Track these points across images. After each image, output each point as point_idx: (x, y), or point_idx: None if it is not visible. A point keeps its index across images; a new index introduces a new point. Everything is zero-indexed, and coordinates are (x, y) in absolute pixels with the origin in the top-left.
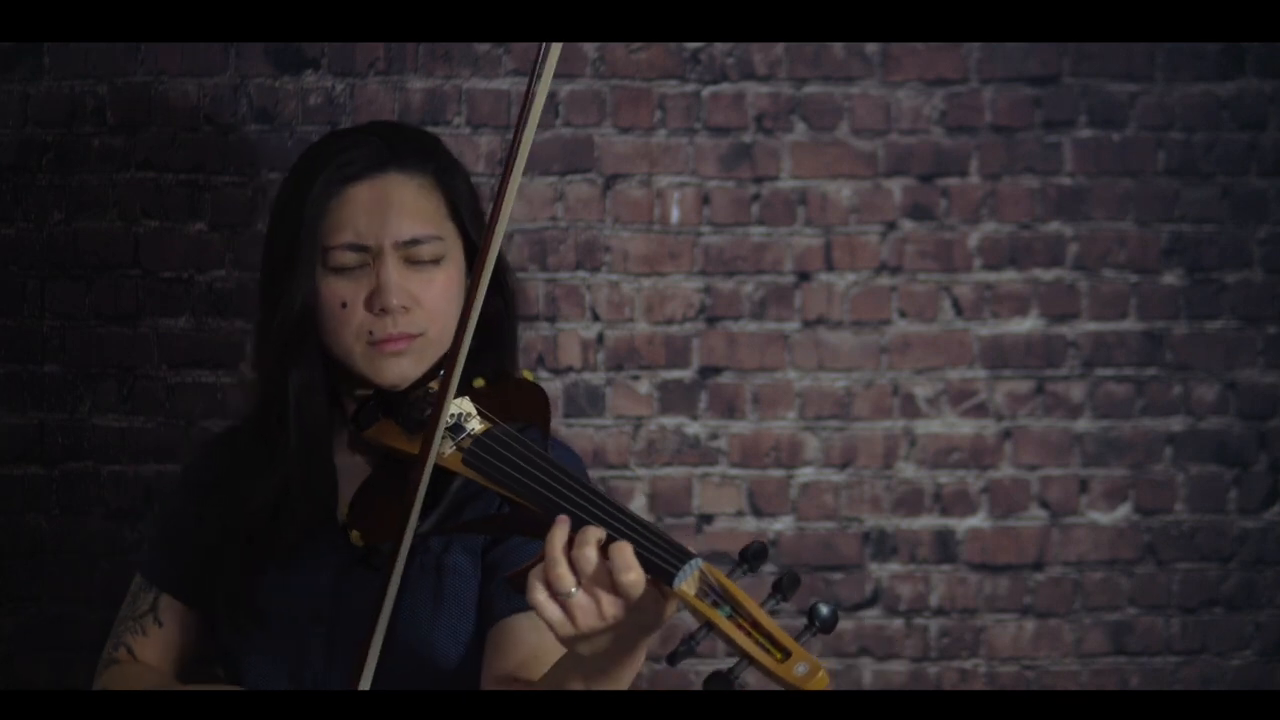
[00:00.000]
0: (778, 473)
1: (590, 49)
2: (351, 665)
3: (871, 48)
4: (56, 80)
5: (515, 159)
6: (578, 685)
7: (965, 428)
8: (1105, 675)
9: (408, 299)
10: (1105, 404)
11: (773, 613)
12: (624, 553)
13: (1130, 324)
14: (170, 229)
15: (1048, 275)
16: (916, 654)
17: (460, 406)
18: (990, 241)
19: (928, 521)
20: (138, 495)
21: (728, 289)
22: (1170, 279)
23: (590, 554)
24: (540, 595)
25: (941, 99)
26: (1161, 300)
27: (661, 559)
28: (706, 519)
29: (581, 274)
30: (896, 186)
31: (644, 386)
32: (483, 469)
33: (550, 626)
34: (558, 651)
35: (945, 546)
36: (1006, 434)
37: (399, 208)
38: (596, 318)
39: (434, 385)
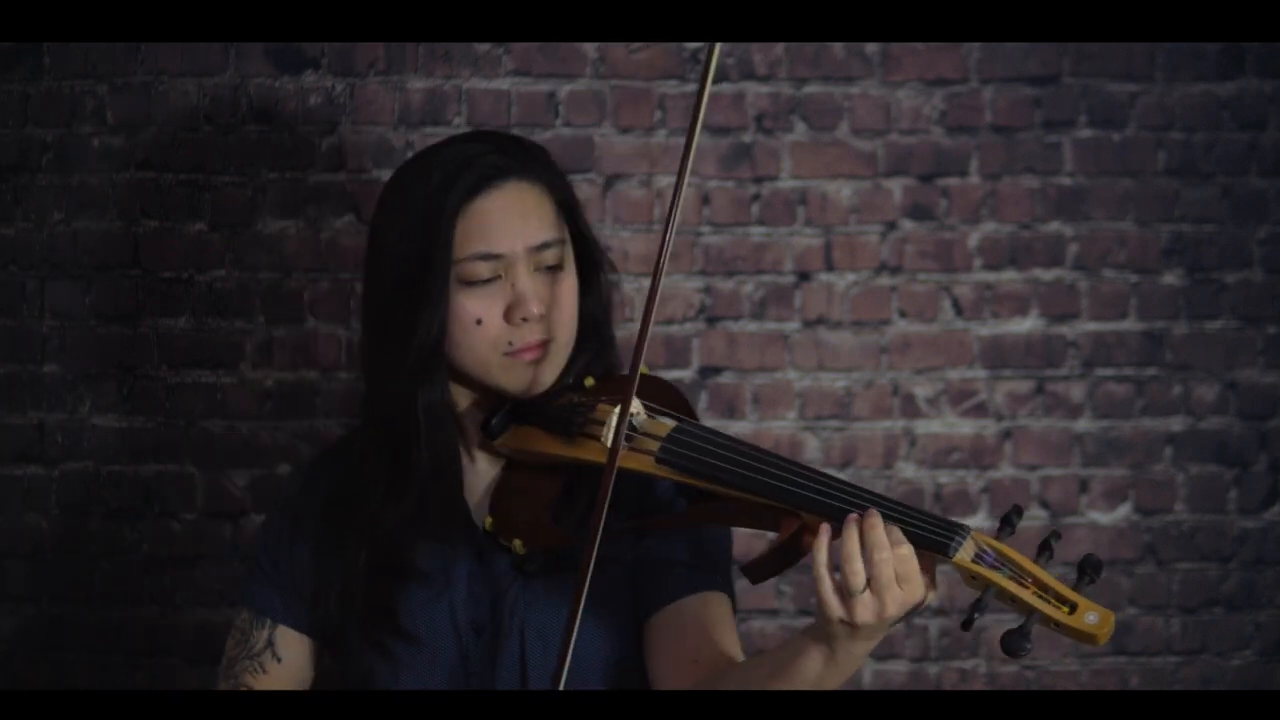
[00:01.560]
0: None
1: (590, 49)
2: (517, 672)
3: (871, 48)
4: (56, 80)
5: (686, 161)
6: (815, 664)
7: (965, 428)
8: (1105, 675)
9: (544, 306)
10: (1105, 404)
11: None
12: (896, 533)
13: (1130, 324)
14: (170, 229)
15: (1048, 275)
16: (916, 654)
17: (629, 407)
18: (990, 241)
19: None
20: (138, 495)
21: (728, 289)
22: (1170, 279)
23: (881, 537)
24: (827, 588)
25: (941, 99)
26: (1161, 300)
27: (934, 532)
28: None
29: None
30: (896, 186)
31: None
32: (683, 465)
33: (825, 622)
34: (728, 628)
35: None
36: (1006, 434)
37: (526, 214)
38: None
39: (590, 381)
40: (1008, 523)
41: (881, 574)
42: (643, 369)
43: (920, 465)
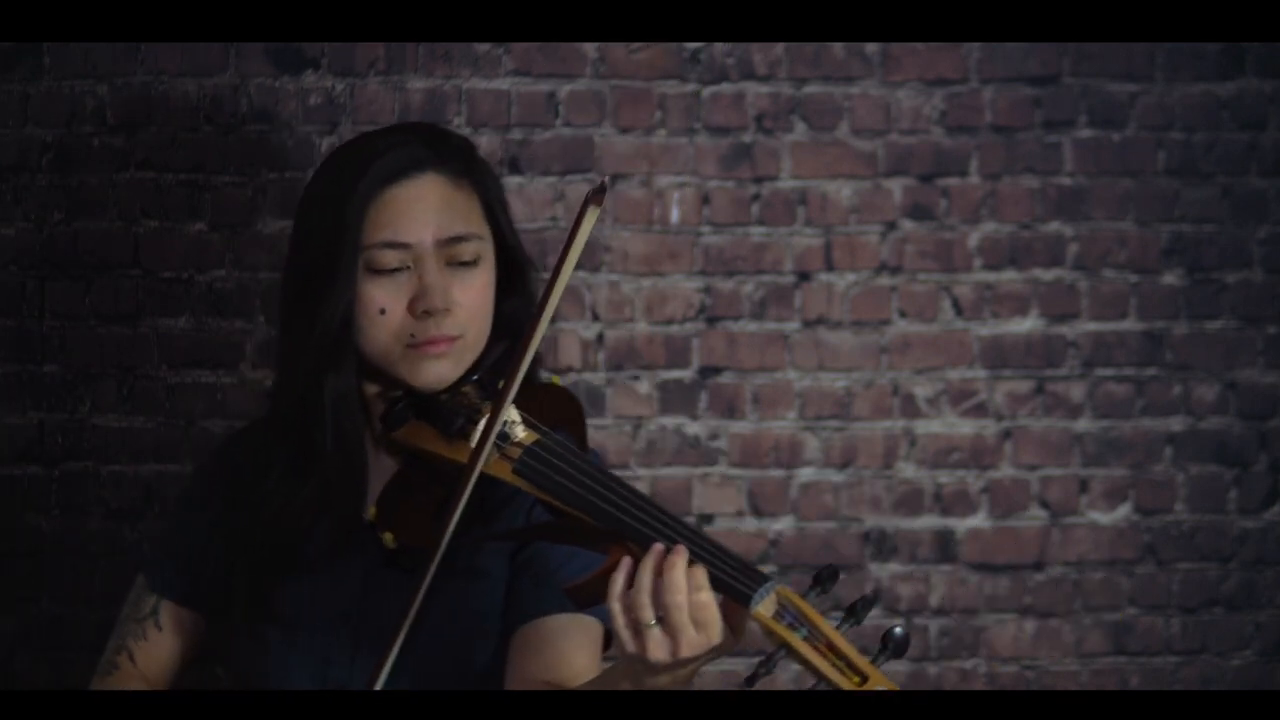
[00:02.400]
0: (778, 473)
1: (590, 49)
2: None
3: (871, 48)
4: (56, 80)
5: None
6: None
7: (965, 428)
8: (1105, 675)
9: (449, 301)
10: (1105, 404)
11: (846, 636)
12: (696, 575)
13: (1130, 324)
14: (170, 229)
15: (1048, 275)
16: (916, 654)
17: (506, 413)
18: (990, 241)
19: (928, 521)
20: (138, 495)
21: (728, 289)
22: (1170, 279)
23: (679, 579)
24: (620, 621)
25: (941, 99)
26: (1161, 300)
27: (738, 580)
28: (706, 519)
29: (581, 274)
30: (896, 186)
31: (644, 386)
32: (535, 479)
33: (620, 650)
34: (587, 653)
35: (945, 546)
36: (1006, 434)
37: (440, 206)
38: (596, 318)
39: (468, 390)
40: (819, 581)
41: (675, 615)
42: (554, 379)
43: (920, 465)
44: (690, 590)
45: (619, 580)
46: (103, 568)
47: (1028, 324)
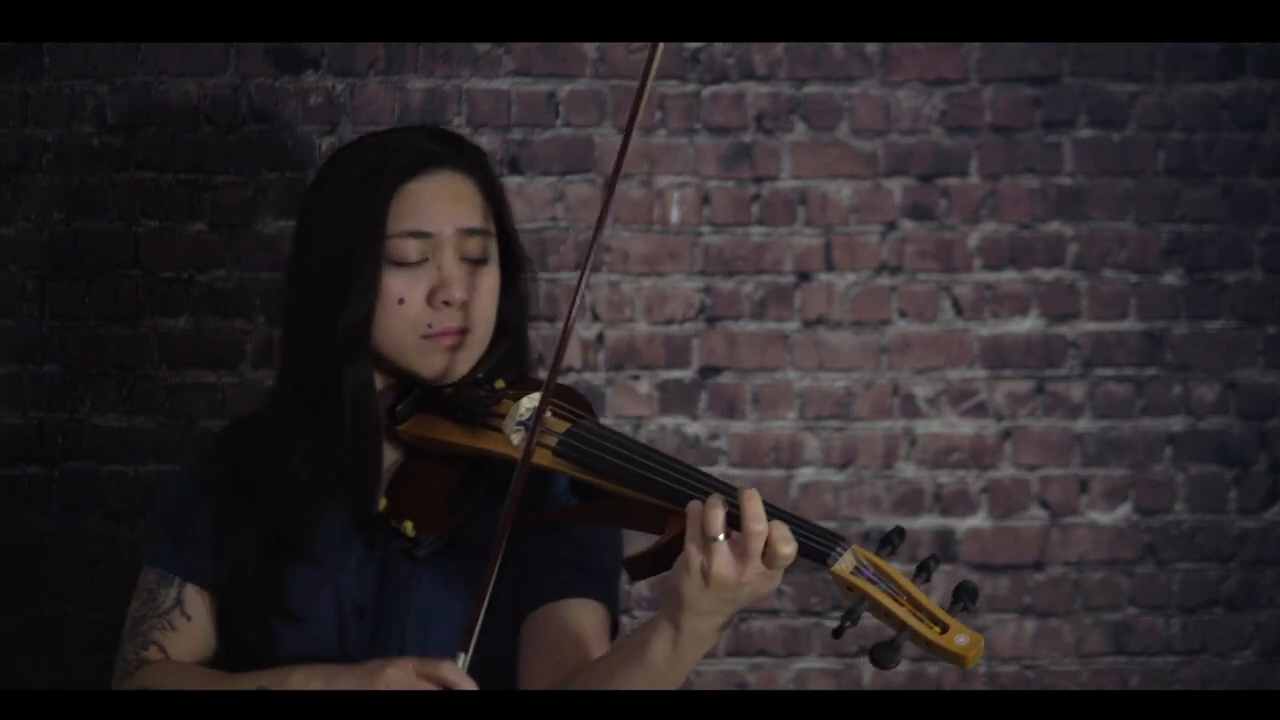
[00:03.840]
0: (778, 473)
1: (590, 49)
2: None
3: (871, 48)
4: (56, 80)
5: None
6: (664, 646)
7: (965, 428)
8: (1105, 675)
9: (466, 293)
10: (1105, 404)
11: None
12: (782, 528)
13: (1130, 324)
14: (170, 229)
15: (1048, 275)
16: (917, 654)
17: (531, 401)
18: (990, 241)
19: (928, 521)
20: (138, 495)
21: (728, 289)
22: (1170, 279)
23: (759, 508)
24: (693, 535)
25: (941, 99)
26: (1161, 300)
27: (815, 541)
28: None
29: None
30: (896, 186)
31: (644, 386)
32: (580, 460)
33: (685, 571)
34: (603, 637)
35: (945, 546)
36: (1006, 434)
37: (457, 199)
38: (596, 318)
39: (501, 383)
40: (889, 542)
41: (753, 542)
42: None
43: (920, 465)
44: (777, 538)
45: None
46: (103, 568)
47: (1028, 324)
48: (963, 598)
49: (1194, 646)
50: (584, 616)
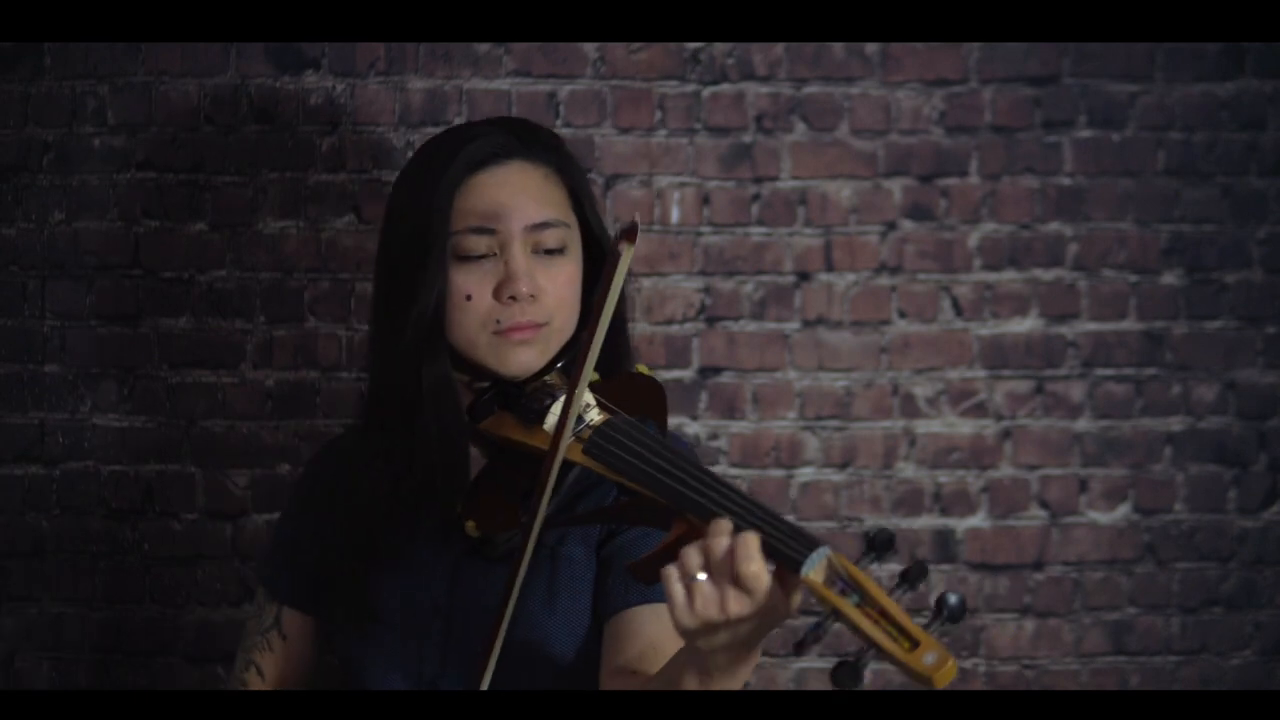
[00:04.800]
0: (778, 473)
1: (590, 49)
2: (467, 658)
3: (871, 48)
4: (56, 80)
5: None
6: (692, 682)
7: (965, 428)
8: (1105, 675)
9: (535, 287)
10: (1105, 404)
11: (900, 602)
12: (748, 543)
13: (1130, 324)
14: (170, 229)
15: (1048, 275)
16: None
17: (581, 399)
18: (990, 241)
19: (928, 521)
20: (138, 495)
21: (728, 289)
22: (1170, 279)
23: (720, 544)
24: (671, 575)
25: (941, 99)
26: (1161, 300)
27: (789, 547)
28: None
29: None
30: (896, 186)
31: None
32: (604, 458)
33: (671, 608)
34: (676, 643)
35: (945, 546)
36: (1006, 434)
37: (526, 193)
38: None
39: (552, 378)
40: (873, 547)
41: (715, 561)
42: (641, 368)
43: (920, 465)
44: (740, 557)
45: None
46: (103, 568)
47: (1027, 324)
48: (944, 612)
49: (1194, 646)
50: (658, 622)
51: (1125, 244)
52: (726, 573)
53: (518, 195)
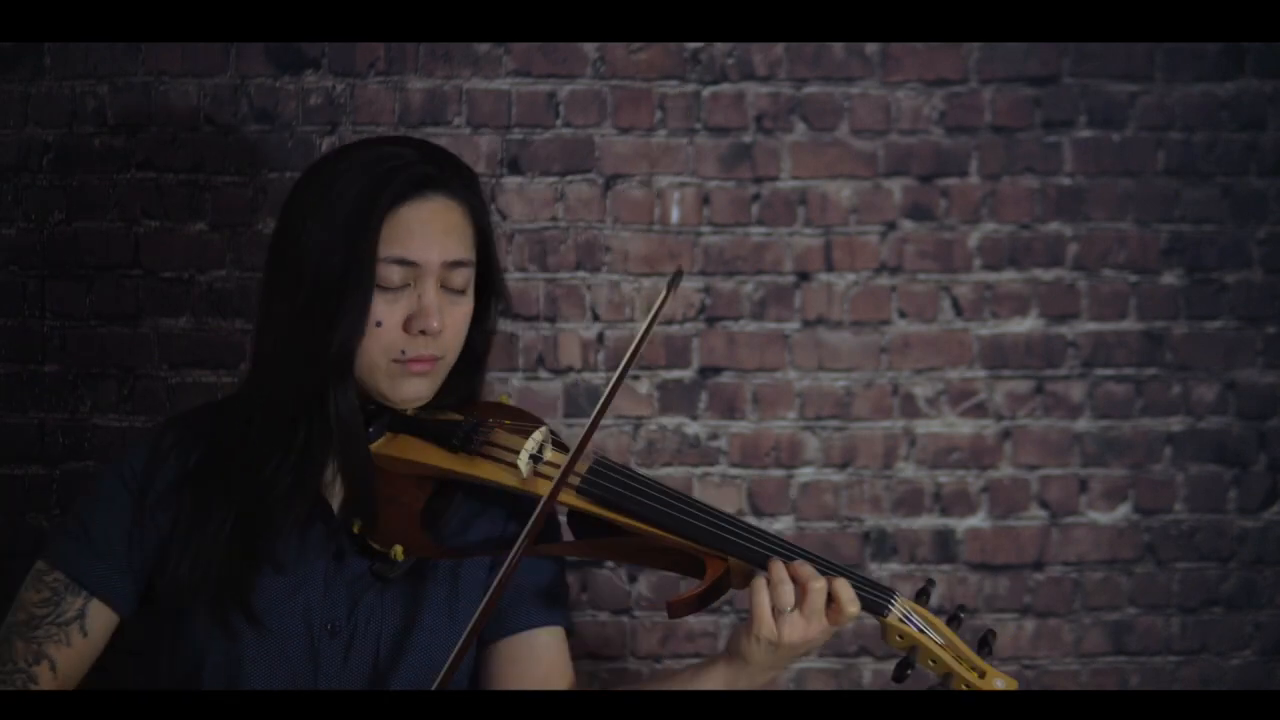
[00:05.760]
0: (778, 473)
1: (590, 49)
2: (364, 682)
3: (871, 48)
4: (56, 80)
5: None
6: (718, 683)
7: (965, 428)
8: (1105, 675)
9: (442, 323)
10: (1105, 404)
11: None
12: (847, 589)
13: (1130, 324)
14: (170, 229)
15: (1048, 275)
16: None
17: (542, 435)
18: (990, 241)
19: (928, 521)
20: None
21: (728, 289)
22: (1170, 279)
23: (817, 576)
24: (763, 608)
25: (941, 99)
26: (1161, 300)
27: (871, 594)
28: None
29: (581, 274)
30: (896, 186)
31: (644, 386)
32: (606, 498)
33: (752, 641)
34: (566, 660)
35: (945, 546)
36: (1006, 434)
37: (448, 230)
38: (596, 318)
39: (507, 406)
40: (924, 593)
41: (814, 601)
42: (504, 398)
43: (920, 465)
44: (845, 600)
45: (760, 586)
46: None
47: (1027, 324)
48: (988, 644)
49: (1194, 646)
50: (560, 644)
51: (1125, 244)
52: (819, 610)
53: (440, 231)
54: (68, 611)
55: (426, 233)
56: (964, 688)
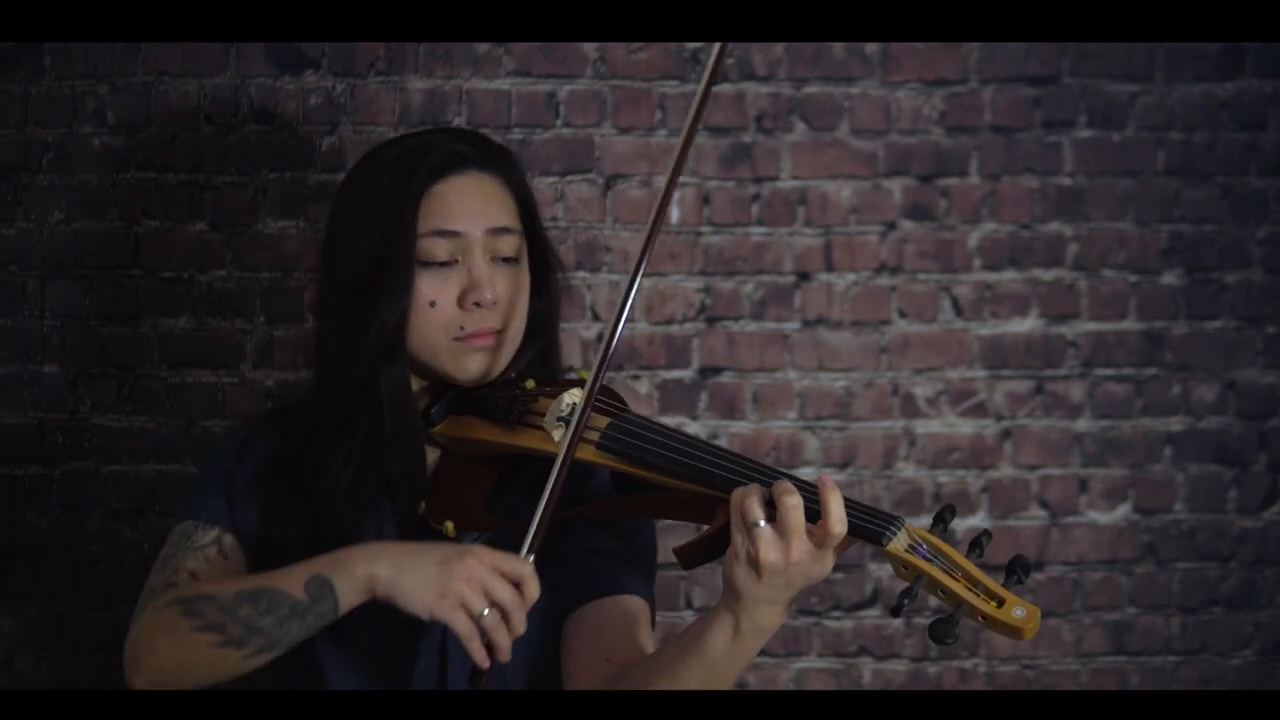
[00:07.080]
0: None
1: (590, 49)
2: (463, 680)
3: (871, 48)
4: (56, 80)
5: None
6: (722, 638)
7: (965, 428)
8: (1105, 675)
9: (496, 294)
10: (1105, 404)
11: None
12: (836, 506)
13: (1130, 324)
14: (170, 229)
15: (1048, 275)
16: (916, 654)
17: (572, 397)
18: (990, 241)
19: (928, 521)
20: (138, 495)
21: (728, 289)
22: (1170, 279)
23: (793, 491)
24: (737, 527)
25: (941, 99)
26: (1161, 300)
27: (869, 521)
28: None
29: (581, 274)
30: (896, 186)
31: (644, 386)
32: (625, 452)
33: (735, 560)
34: (647, 629)
35: None
36: (1006, 434)
37: (486, 199)
38: (596, 318)
39: (531, 383)
40: (941, 520)
41: (788, 517)
42: (582, 372)
43: (920, 465)
44: (835, 519)
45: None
46: (103, 568)
47: (1027, 324)
48: (1016, 572)
49: (1194, 646)
50: (630, 611)
51: (1125, 244)
52: (794, 527)
53: (479, 201)
54: (202, 539)
55: (465, 204)
56: (979, 620)
